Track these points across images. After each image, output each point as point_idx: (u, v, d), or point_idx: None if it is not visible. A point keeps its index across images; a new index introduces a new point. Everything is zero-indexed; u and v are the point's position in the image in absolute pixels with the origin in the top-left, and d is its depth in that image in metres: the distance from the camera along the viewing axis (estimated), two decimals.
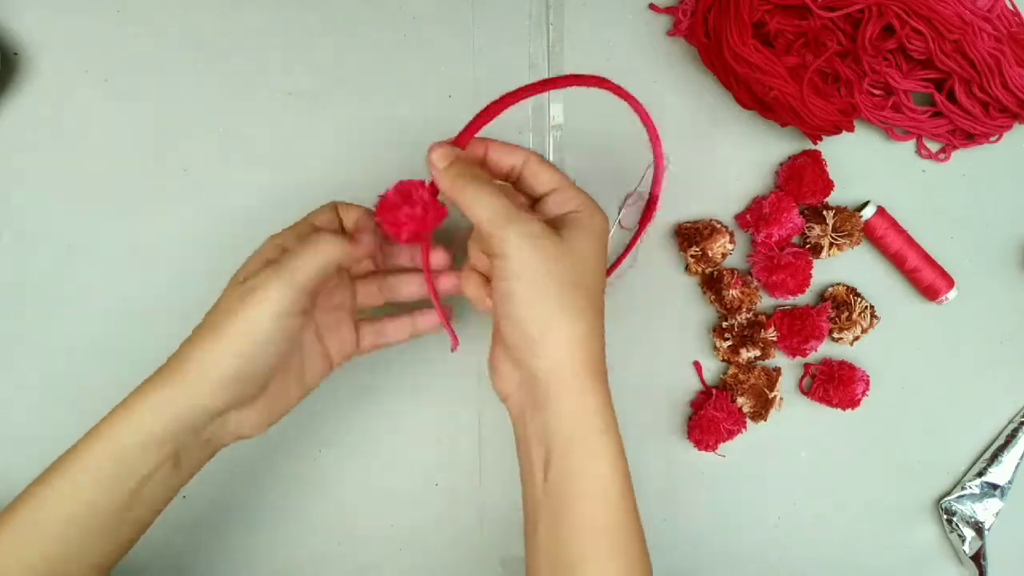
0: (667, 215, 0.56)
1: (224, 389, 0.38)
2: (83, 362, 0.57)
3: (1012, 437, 0.56)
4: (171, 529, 0.57)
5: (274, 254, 0.40)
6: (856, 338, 0.55)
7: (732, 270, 0.55)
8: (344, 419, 0.58)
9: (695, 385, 0.57)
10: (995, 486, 0.56)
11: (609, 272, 0.49)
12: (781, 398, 0.56)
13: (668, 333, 0.57)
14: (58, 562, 0.37)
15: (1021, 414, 0.57)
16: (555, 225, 0.40)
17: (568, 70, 0.56)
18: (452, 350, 0.50)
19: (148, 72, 0.57)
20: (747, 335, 0.55)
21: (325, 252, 0.39)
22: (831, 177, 0.55)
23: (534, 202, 0.43)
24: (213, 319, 0.39)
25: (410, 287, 0.47)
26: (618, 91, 0.43)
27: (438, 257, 0.45)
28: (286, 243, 0.41)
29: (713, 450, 0.55)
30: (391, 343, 0.48)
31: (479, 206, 0.38)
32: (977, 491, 0.56)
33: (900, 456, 0.57)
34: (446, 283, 0.45)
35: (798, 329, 0.54)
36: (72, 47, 0.56)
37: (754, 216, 0.54)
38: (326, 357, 0.45)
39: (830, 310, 0.55)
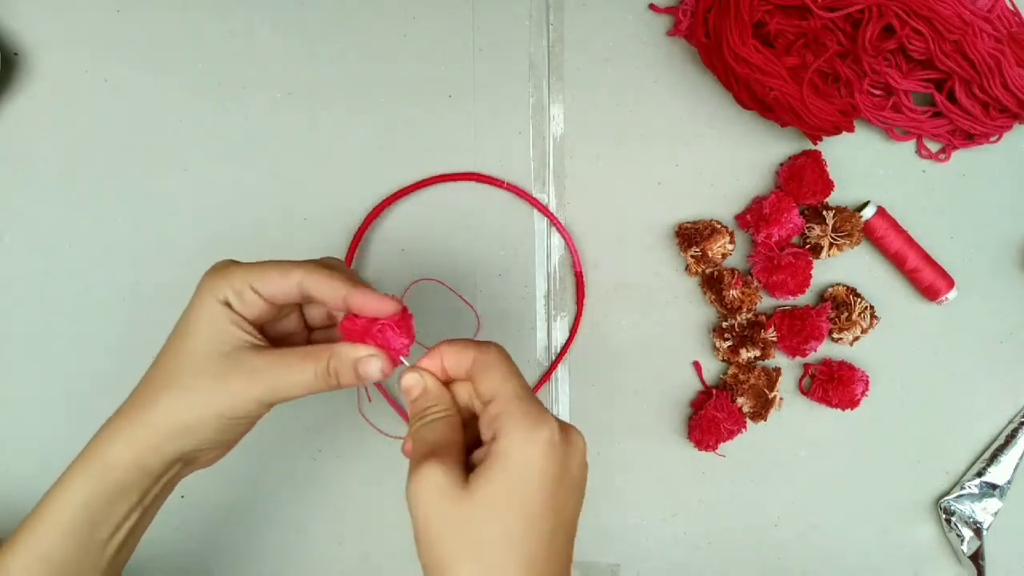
0: (667, 215, 0.57)
1: (189, 449, 0.36)
2: (83, 361, 0.57)
3: (1012, 437, 0.56)
4: (171, 529, 0.57)
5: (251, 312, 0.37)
6: (856, 338, 0.55)
7: (732, 270, 0.55)
8: (342, 420, 0.58)
9: (695, 385, 0.57)
10: (994, 486, 0.56)
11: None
12: (781, 398, 0.56)
13: (668, 333, 0.57)
14: None
15: (1021, 414, 0.57)
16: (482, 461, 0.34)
17: (568, 70, 0.56)
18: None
19: (148, 72, 0.57)
20: (747, 335, 0.55)
21: (313, 387, 0.36)
22: (831, 177, 0.55)
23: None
24: (182, 385, 0.36)
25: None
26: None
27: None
28: (234, 303, 0.37)
29: (713, 450, 0.55)
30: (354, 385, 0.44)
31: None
32: (976, 491, 0.56)
33: (900, 456, 0.57)
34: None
35: (798, 329, 0.54)
36: (72, 47, 0.56)
37: (754, 216, 0.54)
38: None
39: (830, 310, 0.55)
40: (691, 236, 0.54)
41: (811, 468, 0.57)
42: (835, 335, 0.55)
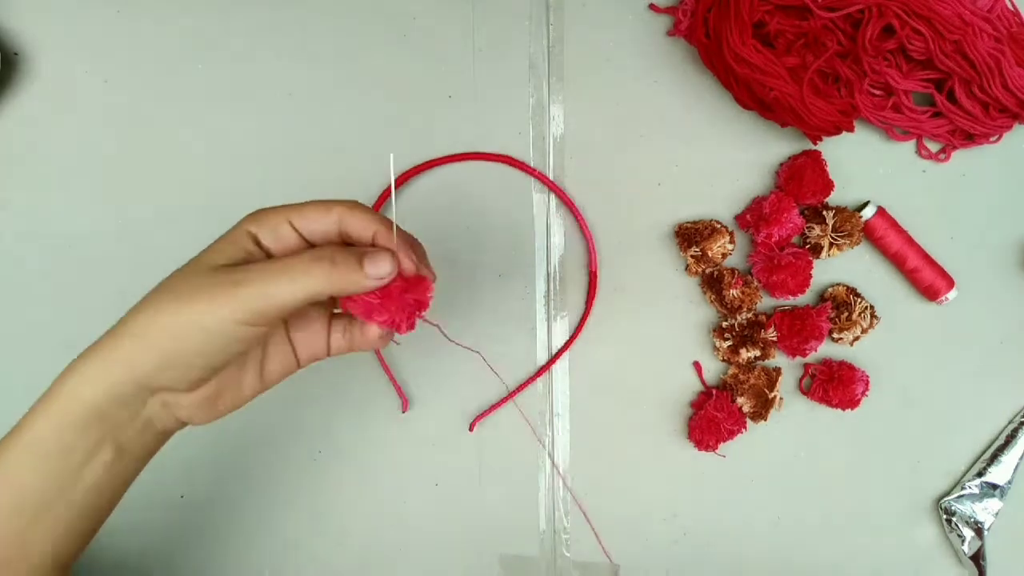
0: (667, 215, 0.57)
1: (161, 368, 0.34)
2: None
3: (1012, 437, 0.56)
4: (170, 529, 0.57)
5: (254, 245, 0.36)
6: (856, 338, 0.55)
7: (732, 270, 0.55)
8: (342, 420, 0.58)
9: (695, 385, 0.57)
10: (995, 486, 0.56)
11: None
12: (781, 398, 0.56)
13: (668, 333, 0.57)
14: (10, 548, 0.34)
15: (1021, 414, 0.56)
16: None
17: (568, 70, 0.56)
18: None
19: (148, 72, 0.57)
20: (747, 335, 0.55)
21: (311, 285, 0.34)
22: (831, 177, 0.55)
23: None
24: (171, 290, 0.34)
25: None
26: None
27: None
28: (266, 238, 0.36)
29: (713, 450, 0.55)
30: (362, 349, 0.41)
31: None
32: (977, 491, 0.56)
33: (900, 456, 0.57)
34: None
35: (798, 329, 0.54)
36: (72, 47, 0.56)
37: (754, 216, 0.54)
38: (291, 356, 0.40)
39: (830, 310, 0.55)
40: (691, 236, 0.54)
41: (811, 468, 0.57)
42: (835, 335, 0.55)
